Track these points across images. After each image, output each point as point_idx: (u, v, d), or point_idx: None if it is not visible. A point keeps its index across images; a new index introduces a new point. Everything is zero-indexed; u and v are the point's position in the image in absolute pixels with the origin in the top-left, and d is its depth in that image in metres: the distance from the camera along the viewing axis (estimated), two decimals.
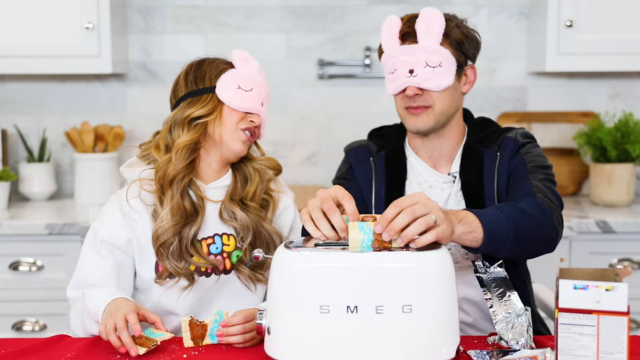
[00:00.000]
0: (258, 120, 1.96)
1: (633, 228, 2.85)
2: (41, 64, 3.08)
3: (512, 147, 2.00)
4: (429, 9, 1.95)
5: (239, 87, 1.93)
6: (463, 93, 2.04)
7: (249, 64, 1.98)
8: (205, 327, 1.71)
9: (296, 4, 3.36)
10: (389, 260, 1.54)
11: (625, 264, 2.87)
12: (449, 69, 1.94)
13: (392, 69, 1.98)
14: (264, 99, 1.99)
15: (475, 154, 2.02)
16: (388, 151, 2.09)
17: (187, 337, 1.70)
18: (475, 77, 2.05)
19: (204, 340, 1.71)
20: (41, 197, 3.28)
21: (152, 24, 3.34)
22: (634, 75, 3.38)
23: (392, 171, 2.06)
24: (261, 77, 2.00)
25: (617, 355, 1.41)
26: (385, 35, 1.99)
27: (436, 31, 1.93)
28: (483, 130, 2.07)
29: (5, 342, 1.73)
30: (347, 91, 3.39)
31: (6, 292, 2.87)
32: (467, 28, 2.00)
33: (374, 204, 2.06)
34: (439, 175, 2.04)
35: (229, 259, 1.94)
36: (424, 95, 1.96)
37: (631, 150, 3.06)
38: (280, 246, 1.61)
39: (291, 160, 3.37)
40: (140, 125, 3.37)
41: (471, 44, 2.00)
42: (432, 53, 1.92)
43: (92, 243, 1.93)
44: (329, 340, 1.52)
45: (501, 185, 1.99)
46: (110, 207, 1.95)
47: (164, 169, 1.90)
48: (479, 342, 1.73)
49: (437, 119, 1.98)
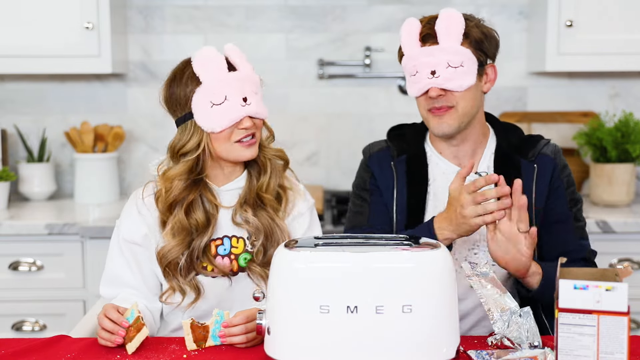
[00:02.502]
0: (249, 122, 1.85)
1: (633, 228, 2.85)
2: (41, 64, 3.08)
3: (551, 167, 2.04)
4: (448, 9, 1.96)
5: (212, 104, 1.82)
6: (484, 92, 2.05)
7: (214, 65, 1.84)
8: (207, 329, 1.71)
9: (296, 4, 3.35)
10: (389, 260, 1.54)
11: (625, 264, 2.87)
12: (471, 69, 1.95)
13: (413, 71, 1.98)
14: (246, 93, 1.84)
15: (512, 162, 2.04)
16: (409, 155, 2.08)
17: (190, 340, 1.70)
18: (496, 75, 2.05)
19: (207, 342, 1.71)
20: (41, 197, 3.28)
21: (152, 24, 3.34)
22: (634, 75, 3.38)
23: (413, 178, 2.06)
24: (234, 69, 1.85)
25: (617, 355, 1.41)
26: (405, 37, 1.99)
27: (456, 31, 1.94)
28: (512, 135, 2.08)
29: (5, 342, 1.73)
30: (347, 91, 3.39)
31: (6, 292, 2.87)
32: (486, 27, 2.01)
33: (395, 210, 2.06)
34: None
35: (236, 261, 1.92)
36: (446, 96, 1.96)
37: (631, 150, 3.06)
38: (280, 246, 1.61)
39: (291, 160, 3.35)
40: (140, 125, 3.37)
41: (491, 43, 2.01)
42: (454, 53, 1.93)
43: (115, 241, 1.96)
44: (329, 340, 1.52)
45: (539, 200, 2.02)
46: (128, 205, 1.98)
47: (163, 200, 1.89)
48: (479, 342, 1.73)
49: (461, 120, 1.98)
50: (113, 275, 1.94)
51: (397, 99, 3.39)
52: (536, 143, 2.07)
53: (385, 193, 2.08)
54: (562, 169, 2.06)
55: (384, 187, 2.08)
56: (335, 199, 3.15)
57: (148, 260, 1.92)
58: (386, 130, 2.21)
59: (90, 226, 2.79)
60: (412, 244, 1.60)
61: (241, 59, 1.88)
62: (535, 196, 2.02)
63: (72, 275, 2.86)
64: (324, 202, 3.11)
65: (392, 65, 3.36)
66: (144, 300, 1.91)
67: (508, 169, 2.03)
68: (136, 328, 1.68)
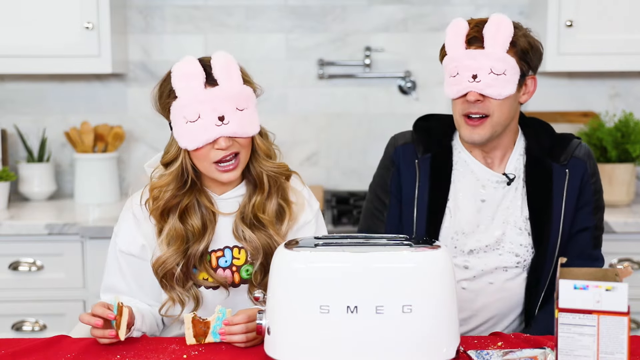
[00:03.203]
0: (225, 142, 1.75)
1: (633, 228, 2.85)
2: (41, 64, 3.08)
3: (582, 172, 2.03)
4: (499, 15, 1.94)
5: (186, 120, 1.74)
6: (521, 103, 2.03)
7: (190, 80, 1.73)
8: (208, 325, 1.70)
9: (296, 4, 3.35)
10: (389, 260, 1.54)
11: (625, 264, 2.87)
12: (513, 78, 1.93)
13: (454, 72, 1.96)
14: (223, 112, 1.73)
15: (543, 166, 2.03)
16: (434, 154, 2.06)
17: (190, 335, 1.70)
18: (535, 88, 2.03)
19: (207, 338, 1.71)
20: (41, 197, 3.28)
21: (152, 24, 3.34)
22: (634, 75, 3.38)
23: (436, 180, 2.05)
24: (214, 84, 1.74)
25: (617, 355, 1.41)
26: (451, 37, 1.96)
27: (504, 38, 1.92)
28: (542, 135, 2.07)
29: (5, 342, 1.73)
30: (347, 91, 3.39)
31: (6, 292, 2.87)
32: (533, 38, 1.99)
33: (416, 208, 2.05)
34: (493, 174, 2.04)
35: (238, 273, 1.87)
36: (484, 102, 1.94)
37: (631, 150, 3.06)
38: (280, 246, 1.61)
39: (291, 160, 3.36)
40: (140, 125, 3.37)
41: (535, 54, 1.99)
42: (498, 60, 1.91)
43: (112, 251, 1.92)
44: (329, 340, 1.52)
45: (569, 204, 2.02)
46: (124, 214, 1.92)
47: (152, 209, 1.83)
48: (479, 342, 1.73)
49: (494, 130, 1.97)
50: (110, 284, 1.92)
51: (397, 99, 3.39)
52: (568, 144, 2.05)
53: (406, 189, 2.06)
54: (592, 175, 2.05)
55: (406, 183, 2.06)
56: (335, 199, 3.15)
57: (147, 270, 1.87)
58: (386, 130, 2.21)
59: (90, 226, 2.79)
60: (412, 244, 1.60)
61: (227, 71, 1.75)
62: (565, 201, 2.01)
63: (72, 275, 2.86)
64: (324, 202, 3.11)
65: (392, 65, 3.36)
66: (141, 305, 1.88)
67: (539, 174, 2.02)
68: (119, 313, 1.69)
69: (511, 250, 2.02)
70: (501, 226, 2.03)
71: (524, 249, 2.02)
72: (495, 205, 2.03)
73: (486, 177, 2.04)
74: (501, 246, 2.02)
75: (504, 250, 2.02)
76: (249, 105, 1.78)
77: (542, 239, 2.01)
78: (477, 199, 2.04)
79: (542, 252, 2.01)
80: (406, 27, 3.36)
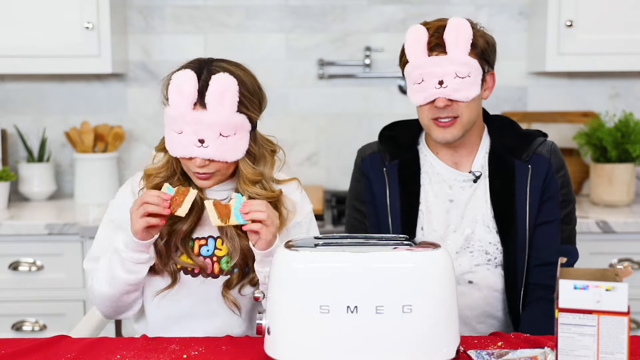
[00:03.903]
0: (201, 162, 1.78)
1: (633, 228, 2.85)
2: (41, 64, 3.08)
3: (546, 168, 2.04)
4: (457, 19, 1.94)
5: (171, 128, 1.78)
6: (483, 99, 2.05)
7: (181, 95, 1.75)
8: (229, 208, 1.74)
9: (296, 4, 3.35)
10: (389, 260, 1.54)
11: (625, 264, 2.87)
12: (477, 79, 1.95)
13: (418, 79, 1.97)
14: (205, 136, 1.74)
15: (505, 163, 2.05)
16: (401, 161, 2.09)
17: (215, 216, 1.73)
18: (494, 82, 2.05)
19: (230, 220, 1.74)
20: (41, 197, 3.28)
21: (152, 24, 3.34)
22: (634, 75, 3.38)
23: (406, 185, 2.07)
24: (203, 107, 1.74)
25: (617, 355, 1.41)
26: (412, 45, 1.97)
27: (465, 42, 1.93)
28: (506, 133, 2.09)
29: (5, 342, 1.73)
30: (347, 91, 3.39)
31: (6, 292, 2.87)
32: (488, 35, 2.01)
33: (390, 215, 2.07)
34: (459, 174, 2.06)
35: (218, 263, 1.89)
36: (452, 106, 1.96)
37: (631, 150, 3.06)
38: (280, 246, 1.61)
39: (291, 160, 3.34)
40: (140, 125, 3.37)
41: (492, 50, 2.01)
42: (462, 64, 1.93)
43: (105, 220, 1.97)
44: (329, 340, 1.52)
45: (533, 200, 2.03)
46: (123, 187, 1.99)
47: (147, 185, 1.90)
48: (479, 342, 1.73)
49: (465, 129, 2.00)
50: (97, 253, 1.94)
51: (397, 99, 3.39)
52: (531, 142, 2.07)
53: (379, 197, 2.09)
54: (557, 170, 2.06)
55: (378, 191, 2.09)
56: (335, 199, 3.15)
57: None
58: None
59: (90, 226, 2.79)
60: (412, 244, 1.60)
61: (221, 97, 1.74)
62: (529, 197, 2.03)
63: (72, 275, 2.86)
64: (324, 202, 3.11)
65: (392, 65, 3.36)
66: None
67: (502, 171, 2.04)
68: (182, 193, 1.75)
69: (481, 249, 2.03)
70: (470, 225, 2.04)
71: (493, 246, 2.03)
72: (463, 204, 2.05)
73: (452, 177, 2.06)
74: (471, 245, 2.04)
75: (474, 248, 2.03)
76: (237, 132, 1.77)
77: (508, 237, 2.02)
78: (446, 199, 2.06)
79: (512, 250, 2.02)
80: (406, 27, 3.30)
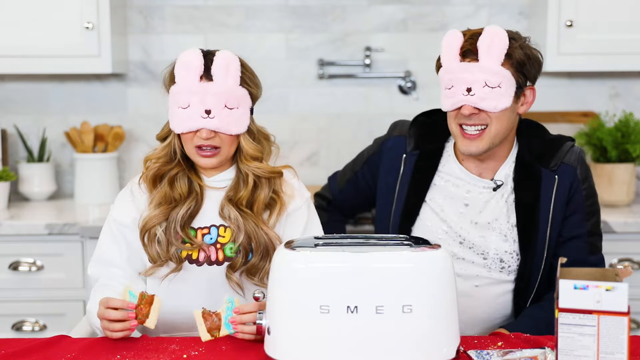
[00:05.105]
0: (207, 134, 1.86)
1: (633, 228, 2.85)
2: (41, 64, 3.08)
3: (572, 179, 2.00)
4: (494, 27, 1.91)
5: (178, 105, 1.87)
6: (519, 114, 2.01)
7: (188, 70, 1.87)
8: (219, 317, 1.69)
9: (296, 4, 3.35)
10: (389, 260, 1.54)
11: (625, 264, 2.87)
12: (508, 91, 1.92)
13: (449, 84, 1.94)
14: (211, 106, 1.84)
15: (532, 171, 2.01)
16: (421, 154, 2.07)
17: (203, 330, 1.68)
18: (534, 98, 2.01)
19: (221, 331, 1.68)
20: (41, 197, 3.28)
21: (152, 24, 3.34)
22: (634, 75, 3.38)
23: (419, 178, 2.05)
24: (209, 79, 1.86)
25: (617, 355, 1.41)
26: (446, 49, 1.95)
27: (498, 51, 1.90)
28: (534, 138, 2.05)
29: (5, 342, 1.73)
30: (347, 91, 3.39)
31: (6, 292, 2.86)
32: (530, 48, 1.97)
33: (395, 200, 2.06)
34: (480, 180, 2.03)
35: (222, 250, 1.92)
36: (480, 115, 1.93)
37: (631, 150, 3.06)
38: (280, 246, 1.61)
39: (291, 160, 3.36)
40: (140, 125, 3.37)
41: (533, 65, 1.97)
42: (493, 73, 1.90)
43: (107, 222, 1.99)
44: (329, 340, 1.52)
45: (557, 211, 2.00)
46: (122, 191, 2.03)
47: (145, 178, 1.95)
48: (479, 342, 1.73)
49: (492, 141, 1.96)
50: (101, 253, 1.97)
51: (397, 99, 3.39)
52: (559, 149, 2.03)
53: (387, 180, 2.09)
54: (583, 180, 2.02)
55: (388, 174, 2.09)
56: None
57: (135, 243, 1.93)
58: (386, 130, 2.21)
59: (90, 226, 2.79)
60: (412, 244, 1.60)
61: (225, 69, 1.86)
62: (552, 208, 2.00)
63: (72, 275, 2.86)
64: None
65: (392, 65, 3.36)
66: (127, 282, 1.91)
67: (528, 180, 2.00)
68: (147, 302, 1.69)
69: (496, 257, 2.02)
70: (485, 231, 2.02)
71: (509, 255, 2.02)
72: (478, 209, 2.03)
73: (473, 182, 2.04)
74: (486, 252, 2.02)
75: (488, 255, 2.02)
76: (239, 106, 1.88)
77: (528, 246, 1.99)
78: (461, 202, 2.04)
79: (529, 259, 2.00)
80: (406, 27, 3.36)
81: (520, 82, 1.95)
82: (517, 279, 2.01)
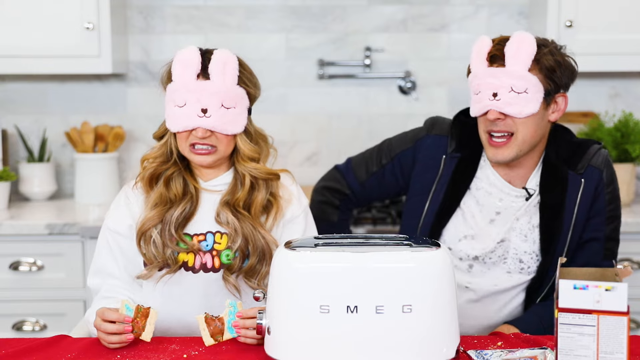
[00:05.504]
0: (203, 133, 1.84)
1: (633, 228, 2.85)
2: (41, 64, 3.08)
3: (597, 182, 2.00)
4: (522, 33, 1.91)
5: (174, 103, 1.85)
6: (550, 121, 1.99)
7: (185, 69, 1.85)
8: (222, 321, 1.69)
9: (296, 4, 3.35)
10: (389, 260, 1.54)
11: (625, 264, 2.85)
12: (535, 96, 1.90)
13: (477, 90, 1.94)
14: (208, 105, 1.83)
15: (558, 173, 2.00)
16: (463, 157, 2.05)
17: (207, 335, 1.68)
18: (566, 106, 1.99)
19: (224, 335, 1.69)
20: (41, 197, 3.28)
21: (152, 24, 3.34)
22: (634, 75, 3.38)
23: (457, 182, 2.04)
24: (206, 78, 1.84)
25: (617, 355, 1.41)
26: (474, 55, 1.95)
27: (525, 56, 1.89)
28: (561, 141, 2.03)
29: (5, 342, 1.73)
30: (347, 91, 3.39)
31: (6, 292, 2.87)
32: (562, 55, 1.95)
33: (430, 201, 2.05)
34: (512, 189, 2.03)
35: (218, 257, 1.90)
36: (506, 121, 1.92)
37: (631, 150, 3.06)
38: (280, 246, 1.61)
39: (291, 160, 3.37)
40: (140, 125, 3.37)
41: (564, 72, 1.95)
42: (519, 78, 1.88)
43: (103, 231, 1.98)
44: (329, 340, 1.52)
45: (580, 213, 1.99)
46: (117, 196, 2.01)
47: (141, 179, 1.94)
48: (479, 342, 1.73)
49: (519, 149, 1.94)
50: (99, 264, 1.96)
51: (397, 99, 3.39)
52: (585, 151, 2.02)
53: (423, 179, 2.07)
54: (608, 184, 2.02)
55: (425, 173, 2.07)
56: None
57: (130, 251, 1.92)
58: (386, 130, 2.21)
59: (90, 226, 2.79)
60: (412, 244, 1.60)
61: (223, 68, 1.85)
62: (576, 211, 1.99)
63: (72, 275, 2.86)
64: None
65: (392, 65, 3.36)
66: (126, 292, 1.92)
67: (555, 182, 1.99)
68: (143, 315, 1.68)
69: (515, 257, 2.02)
70: (507, 233, 2.02)
71: (528, 256, 2.02)
72: (510, 217, 2.02)
73: (506, 190, 2.03)
74: (505, 252, 2.02)
75: (508, 255, 2.02)
76: (237, 105, 1.86)
77: (549, 248, 1.99)
78: (493, 210, 2.03)
79: (549, 260, 2.00)
80: (406, 27, 3.36)
81: (550, 89, 1.93)
82: (534, 278, 2.02)
